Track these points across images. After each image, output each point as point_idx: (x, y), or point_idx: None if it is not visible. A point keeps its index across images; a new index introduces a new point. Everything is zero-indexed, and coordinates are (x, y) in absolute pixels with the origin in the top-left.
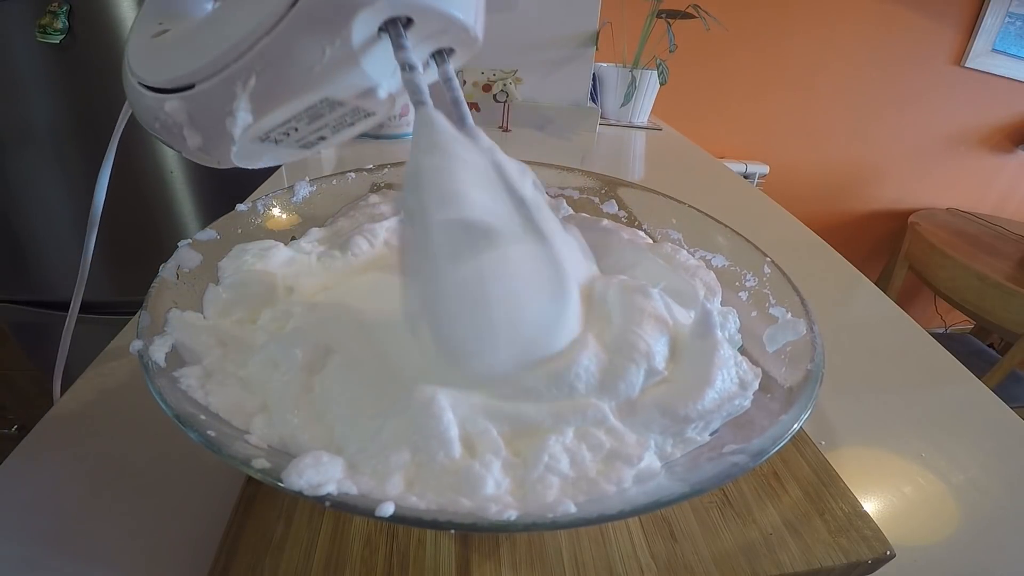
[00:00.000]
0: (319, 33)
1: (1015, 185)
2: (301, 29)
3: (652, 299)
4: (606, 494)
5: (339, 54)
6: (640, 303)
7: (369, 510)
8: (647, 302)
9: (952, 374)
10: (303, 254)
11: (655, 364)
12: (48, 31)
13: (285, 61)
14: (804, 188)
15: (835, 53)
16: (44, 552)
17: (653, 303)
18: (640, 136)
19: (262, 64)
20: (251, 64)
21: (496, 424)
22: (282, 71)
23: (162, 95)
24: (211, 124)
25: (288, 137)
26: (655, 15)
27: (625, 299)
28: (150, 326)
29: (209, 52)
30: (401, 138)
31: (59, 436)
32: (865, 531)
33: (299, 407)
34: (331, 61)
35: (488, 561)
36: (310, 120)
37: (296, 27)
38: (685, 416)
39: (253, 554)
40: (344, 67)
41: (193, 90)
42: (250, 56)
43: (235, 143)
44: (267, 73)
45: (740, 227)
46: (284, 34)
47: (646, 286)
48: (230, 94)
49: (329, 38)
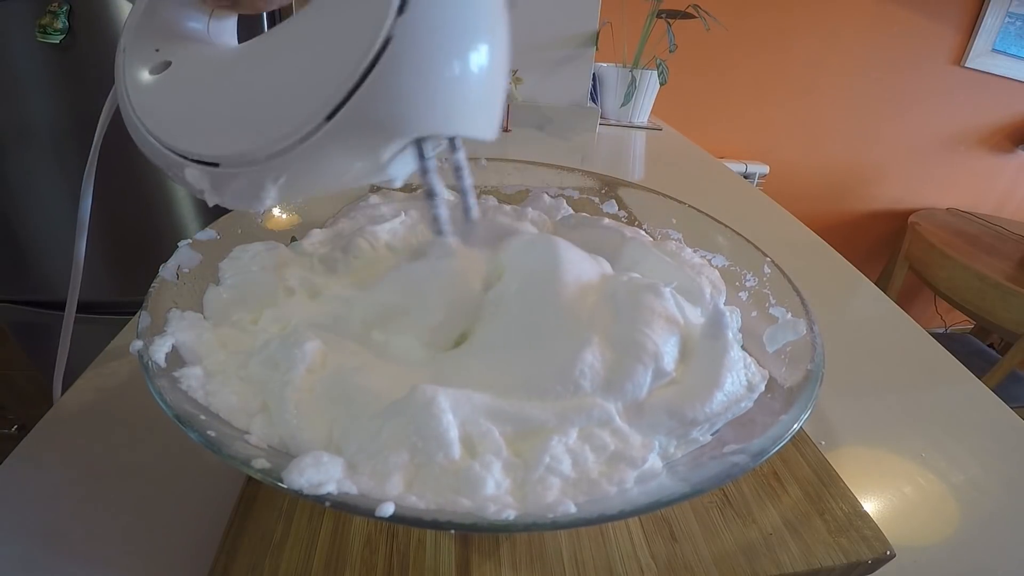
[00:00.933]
0: (353, 149)
1: (1015, 185)
2: (336, 142)
3: (663, 298)
4: (607, 494)
5: (369, 165)
6: (650, 302)
7: (369, 510)
8: (657, 301)
9: (952, 374)
10: (304, 255)
11: (663, 365)
12: (48, 31)
13: (317, 166)
14: (804, 188)
15: (835, 53)
16: (44, 552)
17: (664, 302)
18: (640, 136)
19: (293, 168)
20: (283, 165)
21: (499, 425)
22: (312, 173)
23: (182, 160)
24: (235, 196)
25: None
26: (655, 15)
27: (635, 297)
28: (150, 326)
29: (237, 142)
30: None
31: (59, 436)
32: (865, 531)
33: (299, 407)
34: (361, 170)
35: (488, 561)
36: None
37: (331, 140)
38: (693, 419)
39: (253, 554)
40: (370, 174)
41: (219, 168)
42: (282, 159)
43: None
44: (297, 173)
45: (740, 227)
46: (319, 144)
47: (658, 285)
48: (259, 184)
49: (361, 154)
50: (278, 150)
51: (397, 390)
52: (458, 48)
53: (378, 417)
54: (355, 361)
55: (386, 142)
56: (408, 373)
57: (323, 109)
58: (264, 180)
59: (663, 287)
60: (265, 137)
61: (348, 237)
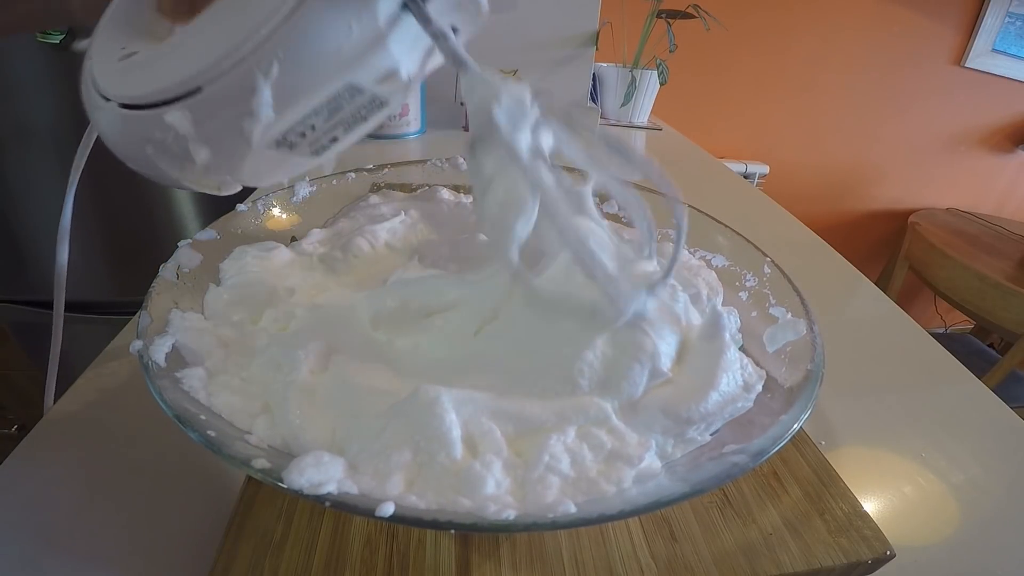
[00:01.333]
0: (346, 8)
1: (1015, 185)
2: (326, 4)
3: (675, 300)
4: (606, 494)
5: (366, 30)
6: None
7: (369, 510)
8: (668, 302)
9: (952, 374)
10: (304, 255)
11: (659, 365)
12: (48, 31)
13: (310, 42)
14: (804, 188)
15: (835, 53)
16: (44, 551)
17: (673, 304)
18: (640, 136)
19: (285, 49)
20: (273, 50)
21: (500, 424)
22: (308, 54)
23: (158, 109)
24: (225, 131)
25: (303, 139)
26: (655, 15)
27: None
28: (150, 326)
29: (218, 46)
30: (402, 138)
31: (59, 436)
32: (865, 531)
33: (301, 408)
34: (358, 39)
35: (488, 561)
36: (329, 114)
37: (321, 3)
38: (687, 418)
39: (253, 554)
40: (371, 45)
41: (202, 93)
42: (272, 42)
43: (252, 149)
44: (291, 58)
45: (740, 227)
46: (308, 12)
47: (676, 287)
48: (249, 88)
49: (356, 13)
50: (266, 33)
51: (399, 390)
52: None
53: (381, 417)
54: (357, 361)
55: None
56: (410, 373)
57: None
58: (256, 83)
59: (679, 290)
60: (247, 27)
61: (348, 237)
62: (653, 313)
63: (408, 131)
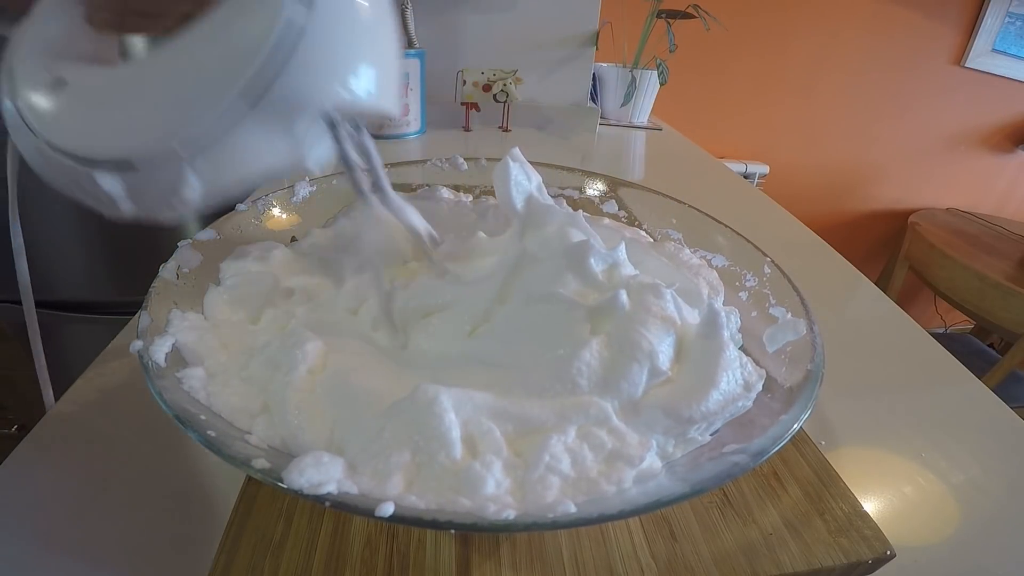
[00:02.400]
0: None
1: (1015, 185)
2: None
3: (663, 299)
4: (606, 494)
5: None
6: (649, 302)
7: (369, 510)
8: (657, 301)
9: (952, 374)
10: (304, 255)
11: (658, 364)
12: None
13: (241, 150)
14: (804, 188)
15: (835, 53)
16: (44, 552)
17: (662, 303)
18: (640, 136)
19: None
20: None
21: (500, 424)
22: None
23: (91, 168)
24: (150, 198)
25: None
26: (655, 15)
27: (635, 297)
28: (151, 326)
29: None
30: (402, 138)
31: (59, 436)
32: (865, 531)
33: (301, 408)
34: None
35: (488, 561)
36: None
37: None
38: (689, 418)
39: (253, 554)
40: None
41: (134, 171)
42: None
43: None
44: (220, 161)
45: (740, 227)
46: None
47: (659, 286)
48: (178, 176)
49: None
50: (195, 132)
51: (398, 390)
52: (358, 30)
53: (380, 417)
54: (356, 361)
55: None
56: (409, 373)
57: (236, 83)
58: (182, 169)
59: (664, 288)
60: (180, 120)
61: (348, 237)
62: (643, 312)
63: (408, 131)
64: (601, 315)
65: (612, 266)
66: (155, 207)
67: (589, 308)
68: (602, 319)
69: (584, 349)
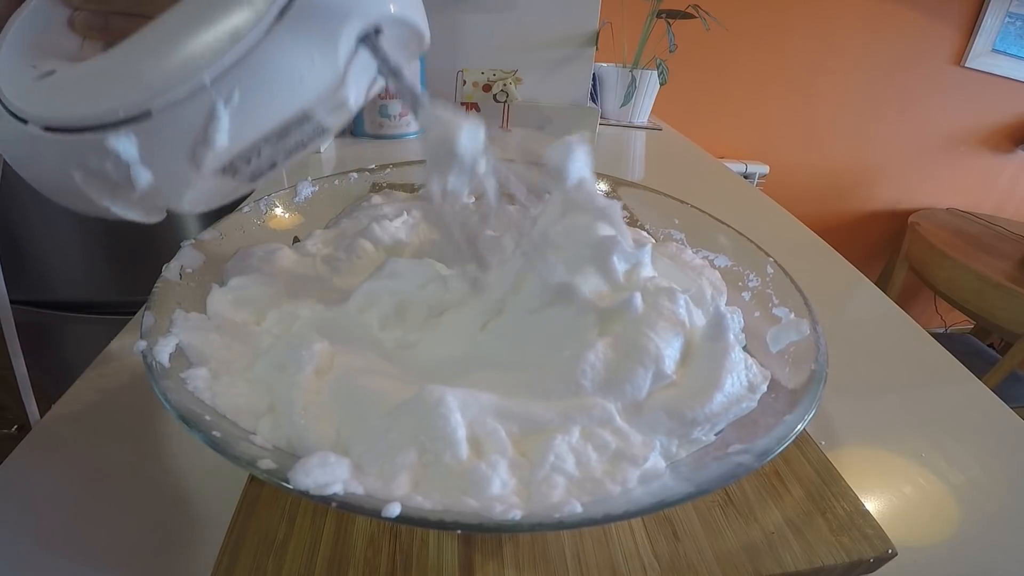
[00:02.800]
0: (309, 39)
1: (1015, 185)
2: (291, 35)
3: (676, 303)
4: (611, 494)
5: (327, 62)
6: (662, 306)
7: (375, 511)
8: (670, 305)
9: (952, 374)
10: (307, 256)
11: (663, 367)
12: None
13: (274, 71)
14: (804, 188)
15: (835, 53)
16: (44, 552)
17: (675, 307)
18: (640, 136)
19: (250, 77)
20: (237, 78)
21: (505, 424)
22: (270, 83)
23: (98, 133)
24: (173, 157)
25: (247, 166)
26: (655, 15)
27: (649, 300)
28: (154, 326)
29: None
30: (402, 138)
31: (59, 436)
32: (867, 530)
33: (306, 409)
34: (320, 70)
35: (491, 561)
36: (277, 140)
37: (286, 33)
38: (692, 419)
39: (256, 555)
40: (330, 76)
41: (152, 119)
42: (238, 69)
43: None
44: (254, 87)
45: (740, 227)
46: (275, 40)
47: (675, 290)
48: (207, 116)
49: (319, 45)
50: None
51: (404, 391)
52: None
53: (386, 417)
54: (362, 362)
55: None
56: (415, 374)
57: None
58: (216, 111)
59: (679, 293)
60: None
61: (351, 237)
62: (654, 315)
63: (409, 131)
64: (612, 317)
65: (635, 266)
66: (177, 168)
67: (600, 311)
68: (613, 320)
69: (589, 351)
